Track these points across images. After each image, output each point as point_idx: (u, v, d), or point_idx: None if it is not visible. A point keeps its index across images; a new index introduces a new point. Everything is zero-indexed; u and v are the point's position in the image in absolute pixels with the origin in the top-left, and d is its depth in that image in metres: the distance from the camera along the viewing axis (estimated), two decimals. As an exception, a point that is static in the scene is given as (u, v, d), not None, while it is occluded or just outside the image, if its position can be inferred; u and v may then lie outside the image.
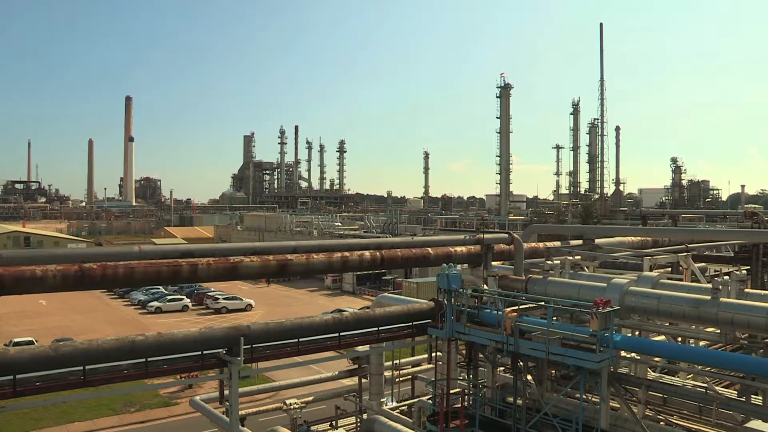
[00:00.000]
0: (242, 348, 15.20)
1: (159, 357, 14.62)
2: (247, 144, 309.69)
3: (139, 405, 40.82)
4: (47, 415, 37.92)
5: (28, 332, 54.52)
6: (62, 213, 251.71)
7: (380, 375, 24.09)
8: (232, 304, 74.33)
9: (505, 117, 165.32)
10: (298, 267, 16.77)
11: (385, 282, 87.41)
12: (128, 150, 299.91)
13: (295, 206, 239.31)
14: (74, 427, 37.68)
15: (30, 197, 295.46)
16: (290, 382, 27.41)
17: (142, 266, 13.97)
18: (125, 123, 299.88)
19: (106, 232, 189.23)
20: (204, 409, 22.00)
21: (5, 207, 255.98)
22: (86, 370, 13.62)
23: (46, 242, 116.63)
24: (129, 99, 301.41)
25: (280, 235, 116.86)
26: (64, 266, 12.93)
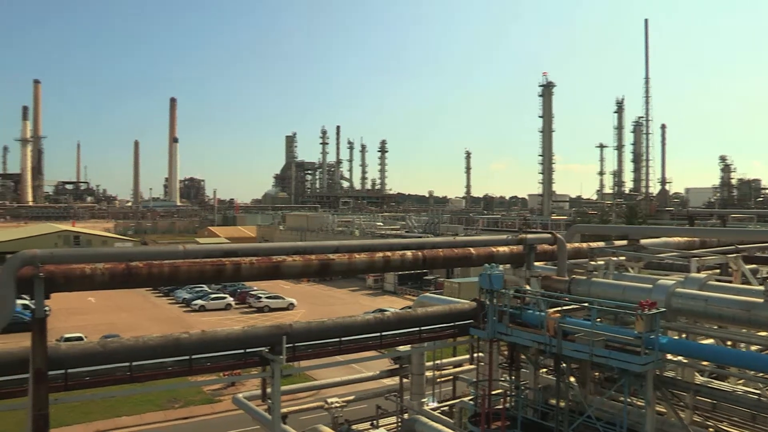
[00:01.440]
0: (284, 347, 15.31)
1: (203, 354, 14.81)
2: (289, 144, 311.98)
3: (183, 401, 41.45)
4: (96, 409, 38.77)
5: (78, 328, 55.75)
6: (109, 213, 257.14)
7: (421, 375, 24.02)
8: (274, 303, 75.00)
9: (548, 116, 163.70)
10: (340, 267, 16.80)
11: (426, 282, 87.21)
12: (173, 151, 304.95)
13: (336, 206, 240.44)
14: (121, 421, 38.44)
15: (79, 197, 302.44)
16: (331, 381, 27.49)
17: (187, 265, 14.15)
18: (170, 124, 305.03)
19: (151, 231, 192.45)
20: (246, 407, 22.17)
21: (56, 207, 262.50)
22: (133, 366, 13.87)
23: (95, 241, 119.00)
24: (173, 101, 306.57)
25: (321, 235, 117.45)
26: (111, 264, 13.17)
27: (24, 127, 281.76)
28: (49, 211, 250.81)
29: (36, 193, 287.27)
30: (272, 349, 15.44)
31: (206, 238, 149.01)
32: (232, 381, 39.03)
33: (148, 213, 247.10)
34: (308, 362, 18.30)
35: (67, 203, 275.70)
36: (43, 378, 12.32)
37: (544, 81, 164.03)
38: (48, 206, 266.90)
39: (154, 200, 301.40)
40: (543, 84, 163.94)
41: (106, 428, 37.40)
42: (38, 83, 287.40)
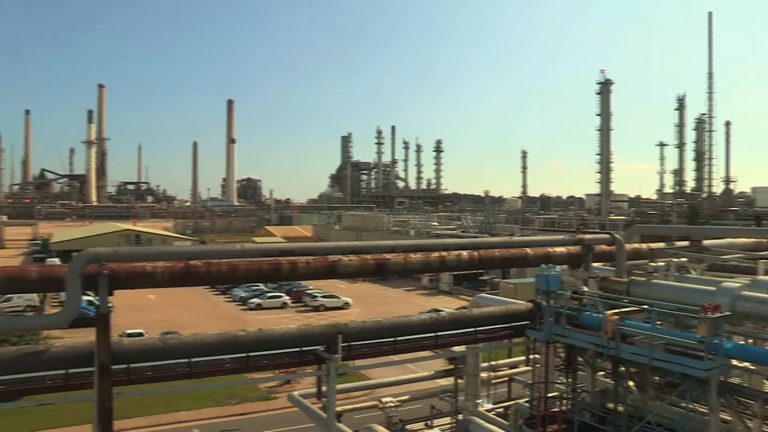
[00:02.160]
0: (340, 346, 15.40)
1: (259, 352, 15.00)
2: (345, 144, 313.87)
3: (239, 398, 42.10)
4: (156, 403, 39.68)
5: (138, 324, 57.14)
6: (169, 212, 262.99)
7: (476, 376, 23.88)
8: (329, 302, 75.51)
9: (606, 114, 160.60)
10: (396, 266, 16.80)
11: (482, 282, 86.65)
12: (230, 151, 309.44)
13: (392, 206, 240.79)
14: (180, 415, 39.27)
15: (140, 197, 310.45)
16: (386, 380, 27.54)
17: (244, 264, 14.36)
18: (227, 125, 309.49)
19: (209, 230, 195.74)
20: (301, 405, 22.37)
21: (118, 207, 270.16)
22: (192, 362, 14.13)
23: (155, 240, 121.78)
24: (231, 102, 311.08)
25: (377, 235, 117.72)
26: (171, 263, 13.45)
27: (89, 130, 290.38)
28: (112, 210, 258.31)
29: (100, 193, 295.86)
30: (328, 347, 15.54)
31: (263, 237, 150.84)
32: (288, 379, 39.42)
33: (206, 213, 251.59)
34: (363, 361, 18.35)
35: (128, 203, 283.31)
36: (107, 372, 12.67)
37: (602, 78, 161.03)
38: (111, 206, 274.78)
39: (212, 200, 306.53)
40: (601, 81, 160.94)
41: (166, 422, 38.27)
42: (102, 87, 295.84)
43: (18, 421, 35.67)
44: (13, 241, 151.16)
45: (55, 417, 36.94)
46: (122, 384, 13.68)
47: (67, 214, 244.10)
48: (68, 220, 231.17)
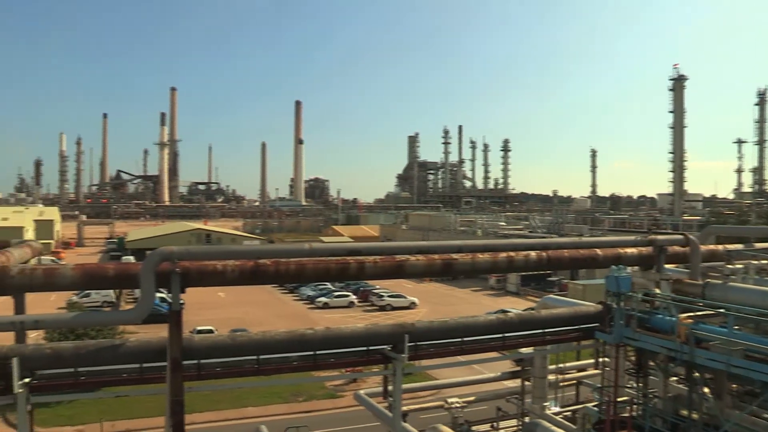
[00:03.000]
0: (407, 345, 15.39)
1: (326, 351, 15.14)
2: (412, 144, 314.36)
3: (306, 395, 42.56)
4: (225, 399, 40.53)
5: (208, 322, 58.32)
6: (238, 212, 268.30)
7: (544, 378, 23.54)
8: (396, 302, 75.51)
9: (679, 111, 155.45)
10: (463, 266, 16.69)
11: (549, 283, 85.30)
12: (298, 152, 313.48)
13: (459, 206, 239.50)
14: (248, 411, 39.97)
15: (210, 197, 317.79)
16: (452, 381, 27.41)
17: (312, 263, 14.51)
18: (295, 126, 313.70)
19: (277, 230, 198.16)
20: (367, 403, 22.48)
21: (190, 206, 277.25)
22: (260, 359, 14.37)
23: (225, 239, 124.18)
24: (299, 103, 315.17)
25: (444, 235, 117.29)
26: (241, 262, 13.70)
27: (162, 132, 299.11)
28: (183, 210, 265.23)
29: (172, 193, 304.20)
30: (394, 347, 15.57)
31: (330, 237, 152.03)
32: (354, 377, 39.67)
33: (275, 212, 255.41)
34: (429, 361, 18.31)
35: (199, 203, 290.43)
36: (179, 367, 13.00)
37: (675, 74, 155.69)
38: (182, 206, 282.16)
39: (281, 200, 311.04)
40: (674, 77, 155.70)
41: (234, 417, 39.00)
42: (174, 90, 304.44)
43: (98, 411, 37.06)
44: (91, 239, 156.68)
45: (130, 408, 38.22)
46: (193, 379, 14.00)
47: (141, 214, 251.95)
48: (142, 219, 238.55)
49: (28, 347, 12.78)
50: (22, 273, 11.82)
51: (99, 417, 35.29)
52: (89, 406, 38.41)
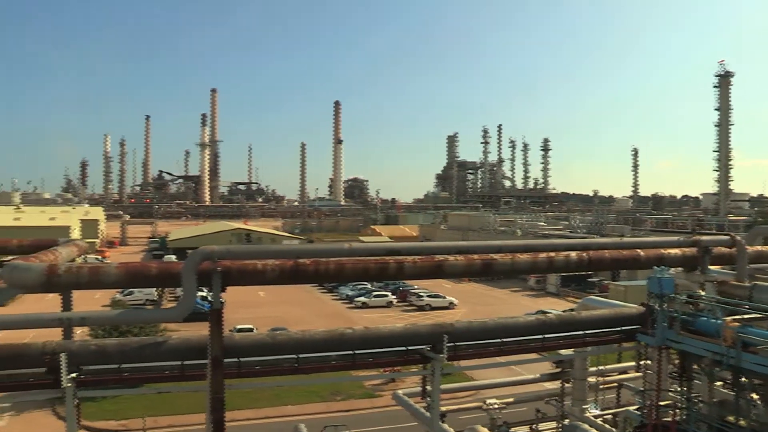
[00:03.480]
0: (446, 345, 15.35)
1: (365, 350, 15.17)
2: (451, 144, 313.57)
3: (344, 394, 42.73)
4: (264, 397, 40.94)
5: (248, 320, 58.84)
6: (278, 212, 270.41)
7: (584, 380, 23.26)
8: (435, 302, 75.34)
9: (725, 108, 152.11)
10: (503, 267, 16.57)
11: (590, 284, 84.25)
12: (337, 152, 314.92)
13: (498, 205, 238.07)
14: (287, 409, 40.30)
15: (250, 197, 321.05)
16: (491, 381, 27.24)
17: (351, 263, 14.54)
18: (334, 126, 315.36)
19: (316, 230, 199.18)
20: (405, 403, 22.47)
21: (230, 206, 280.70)
22: (299, 358, 14.46)
23: (264, 239, 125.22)
24: (338, 103, 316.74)
25: (483, 235, 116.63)
26: (281, 261, 13.80)
27: (203, 133, 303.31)
28: (224, 210, 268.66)
29: (213, 193, 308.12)
30: (433, 347, 15.53)
31: (369, 236, 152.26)
32: (393, 377, 39.70)
33: (314, 212, 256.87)
34: (468, 362, 18.22)
35: (239, 203, 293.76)
36: (220, 365, 13.15)
37: (721, 70, 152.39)
38: (223, 205, 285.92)
39: (320, 200, 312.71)
40: (719, 74, 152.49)
41: (273, 415, 39.34)
42: (215, 91, 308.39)
43: (141, 406, 37.75)
44: (134, 238, 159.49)
45: (172, 404, 38.81)
46: (233, 377, 14.15)
47: (183, 214, 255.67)
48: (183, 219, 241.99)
49: (75, 343, 13.07)
50: (69, 271, 12.08)
51: (142, 412, 35.92)
52: (132, 402, 39.12)
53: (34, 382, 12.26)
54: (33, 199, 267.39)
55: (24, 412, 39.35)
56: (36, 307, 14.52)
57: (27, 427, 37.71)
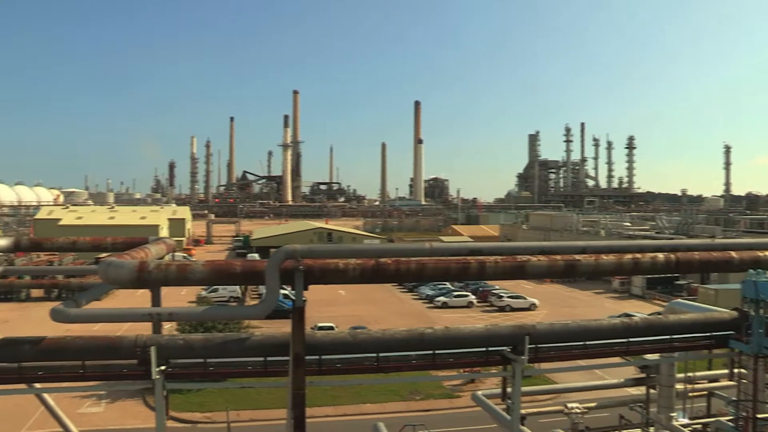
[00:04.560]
0: (527, 347, 15.11)
1: (445, 350, 15.09)
2: (532, 143, 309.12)
3: (423, 394, 42.72)
4: (343, 394, 41.39)
5: (329, 318, 59.62)
6: (359, 211, 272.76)
7: (671, 387, 22.42)
8: (515, 303, 74.49)
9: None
10: (586, 268, 16.15)
11: (678, 287, 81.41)
12: (418, 151, 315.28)
13: (581, 205, 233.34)
14: (366, 407, 40.58)
15: (332, 197, 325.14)
16: (572, 385, 26.69)
17: (432, 262, 14.46)
18: (414, 126, 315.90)
19: (397, 229, 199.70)
20: (485, 405, 22.22)
21: (311, 206, 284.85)
22: (379, 357, 14.50)
23: (345, 238, 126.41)
24: (418, 103, 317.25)
25: (565, 235, 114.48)
26: (362, 260, 13.85)
27: (285, 134, 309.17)
28: (306, 209, 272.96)
29: (295, 193, 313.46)
30: (514, 349, 15.31)
31: (450, 236, 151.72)
32: (472, 378, 39.44)
33: (394, 212, 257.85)
34: (549, 365, 17.89)
35: (321, 202, 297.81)
36: (301, 362, 13.32)
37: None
38: (305, 205, 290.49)
39: (400, 199, 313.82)
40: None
41: (352, 413, 39.70)
42: (297, 93, 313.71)
43: (224, 400, 38.80)
44: (219, 237, 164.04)
45: (254, 399, 39.76)
46: (314, 374, 14.32)
47: (265, 213, 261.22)
48: (266, 218, 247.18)
49: (164, 337, 13.50)
50: (158, 268, 12.48)
51: (225, 406, 36.89)
52: (216, 395, 40.29)
53: (127, 373, 12.77)
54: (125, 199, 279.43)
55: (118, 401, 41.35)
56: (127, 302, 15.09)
57: (121, 414, 39.54)
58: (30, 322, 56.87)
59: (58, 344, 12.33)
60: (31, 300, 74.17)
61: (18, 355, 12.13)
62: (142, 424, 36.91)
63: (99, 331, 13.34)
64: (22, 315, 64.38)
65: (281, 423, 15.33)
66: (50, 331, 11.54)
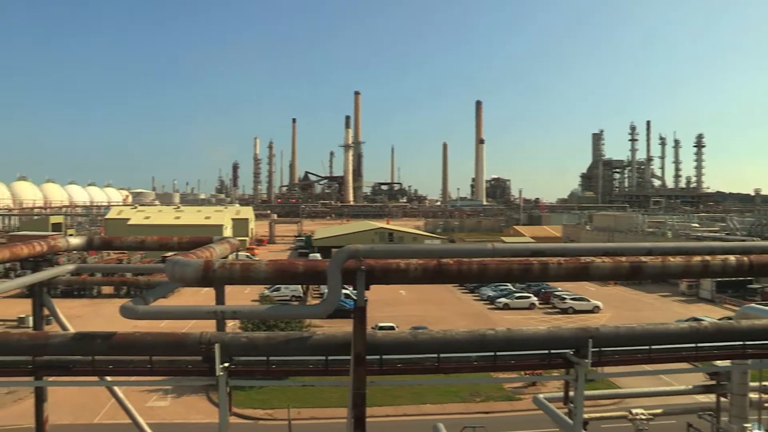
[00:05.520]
0: (590, 350, 14.82)
1: (506, 352, 14.92)
2: (596, 142, 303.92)
3: (483, 396, 42.46)
4: (403, 394, 41.47)
5: (390, 318, 59.80)
6: (420, 211, 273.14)
7: (743, 396, 21.65)
8: (578, 305, 73.37)
9: None
10: (653, 270, 15.72)
11: (750, 291, 78.62)
12: (479, 152, 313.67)
13: (646, 206, 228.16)
14: (426, 408, 40.58)
15: (393, 197, 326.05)
16: (636, 390, 26.04)
17: (495, 263, 14.30)
18: (476, 126, 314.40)
19: (458, 229, 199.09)
20: (546, 408, 21.86)
21: (373, 206, 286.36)
22: (440, 357, 14.44)
23: (407, 238, 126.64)
24: (479, 103, 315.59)
25: (630, 236, 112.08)
26: (424, 260, 13.81)
27: (346, 134, 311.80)
28: (367, 209, 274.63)
29: (356, 193, 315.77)
30: (577, 351, 15.02)
31: (512, 237, 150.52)
32: (533, 381, 39.00)
33: (456, 212, 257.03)
34: (613, 369, 17.48)
35: (382, 202, 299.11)
36: (362, 361, 13.36)
37: None
38: (366, 205, 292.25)
39: (462, 199, 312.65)
40: None
41: (412, 413, 39.71)
42: (358, 94, 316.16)
43: (285, 398, 39.44)
44: (281, 237, 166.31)
45: (315, 398, 40.18)
46: (374, 374, 14.34)
47: (327, 213, 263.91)
48: (328, 218, 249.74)
49: (228, 335, 13.73)
50: (223, 267, 12.70)
51: (287, 403, 37.43)
52: (278, 393, 40.92)
53: (192, 369, 13.04)
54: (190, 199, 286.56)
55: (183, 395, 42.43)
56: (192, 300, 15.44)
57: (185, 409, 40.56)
58: (101, 318, 58.94)
59: (128, 340, 12.69)
60: (102, 296, 76.88)
61: (91, 349, 12.56)
62: (206, 418, 37.82)
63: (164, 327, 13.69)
64: (94, 311, 66.71)
65: (341, 422, 15.44)
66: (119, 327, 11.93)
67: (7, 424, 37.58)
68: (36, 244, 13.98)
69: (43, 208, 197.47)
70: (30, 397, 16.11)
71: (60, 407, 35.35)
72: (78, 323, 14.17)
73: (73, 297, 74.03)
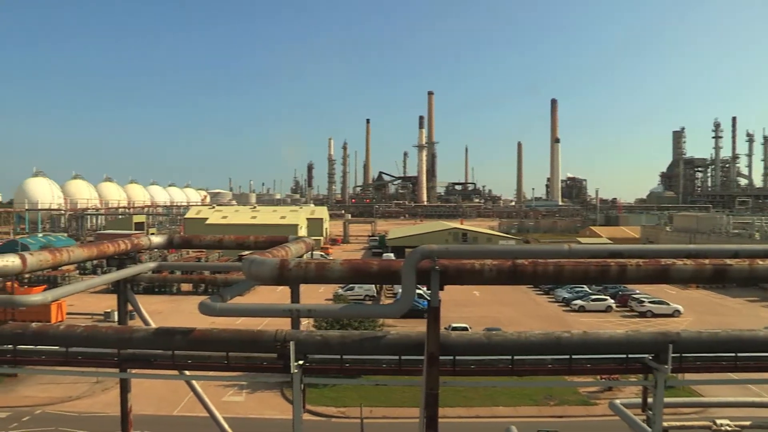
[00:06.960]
0: (670, 356, 14.36)
1: (582, 355, 14.62)
2: (677, 140, 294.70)
3: (557, 399, 41.70)
4: (476, 396, 41.17)
5: (463, 319, 59.53)
6: (494, 212, 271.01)
7: (838, 407, 20.60)
8: (657, 309, 71.24)
9: None
10: (739, 273, 15.10)
11: None
12: (554, 151, 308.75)
13: (731, 206, 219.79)
14: (498, 410, 40.15)
15: (467, 197, 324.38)
16: (721, 399, 24.99)
17: (571, 264, 14.02)
18: (551, 125, 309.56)
19: (533, 230, 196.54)
20: (623, 414, 21.24)
21: (446, 206, 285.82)
22: (514, 359, 14.26)
23: (481, 238, 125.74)
24: (554, 102, 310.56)
25: (713, 238, 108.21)
26: (498, 261, 13.66)
27: (420, 134, 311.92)
28: (441, 209, 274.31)
29: (430, 193, 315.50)
30: (656, 357, 14.58)
31: (588, 237, 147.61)
32: (610, 386, 38.07)
33: (531, 212, 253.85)
34: (695, 376, 16.88)
35: (456, 203, 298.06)
36: (436, 361, 13.33)
37: None
38: (439, 205, 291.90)
39: (536, 200, 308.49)
40: None
41: (484, 415, 39.36)
42: (431, 94, 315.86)
43: (358, 396, 39.77)
44: (355, 236, 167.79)
45: (388, 397, 40.34)
46: (447, 374, 14.28)
47: (401, 213, 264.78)
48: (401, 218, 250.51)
49: (302, 333, 13.92)
50: (298, 266, 12.87)
51: (359, 402, 37.71)
52: (350, 392, 41.28)
53: (267, 365, 13.29)
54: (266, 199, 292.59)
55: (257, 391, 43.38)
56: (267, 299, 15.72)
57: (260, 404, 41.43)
58: (180, 314, 60.76)
59: (206, 336, 13.05)
60: (181, 293, 79.30)
61: (172, 343, 12.98)
62: (280, 415, 38.49)
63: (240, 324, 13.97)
64: (173, 307, 68.84)
65: (413, 422, 15.42)
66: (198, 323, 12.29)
67: (96, 411, 39.46)
68: (121, 243, 14.53)
69: (127, 208, 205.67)
70: (115, 388, 16.82)
71: (143, 398, 36.68)
72: (159, 318, 14.65)
73: (154, 293, 76.65)
